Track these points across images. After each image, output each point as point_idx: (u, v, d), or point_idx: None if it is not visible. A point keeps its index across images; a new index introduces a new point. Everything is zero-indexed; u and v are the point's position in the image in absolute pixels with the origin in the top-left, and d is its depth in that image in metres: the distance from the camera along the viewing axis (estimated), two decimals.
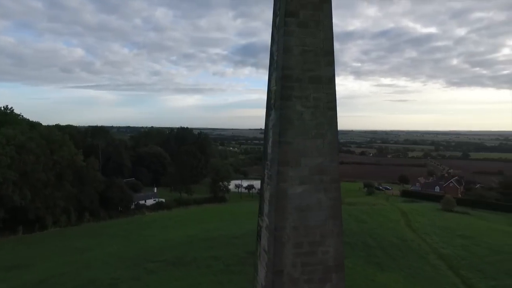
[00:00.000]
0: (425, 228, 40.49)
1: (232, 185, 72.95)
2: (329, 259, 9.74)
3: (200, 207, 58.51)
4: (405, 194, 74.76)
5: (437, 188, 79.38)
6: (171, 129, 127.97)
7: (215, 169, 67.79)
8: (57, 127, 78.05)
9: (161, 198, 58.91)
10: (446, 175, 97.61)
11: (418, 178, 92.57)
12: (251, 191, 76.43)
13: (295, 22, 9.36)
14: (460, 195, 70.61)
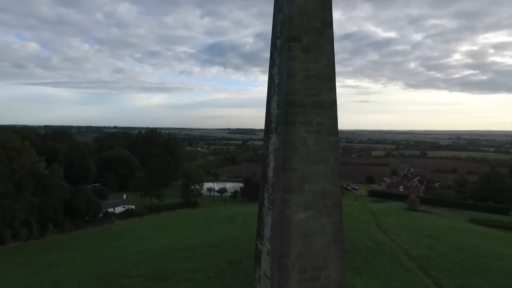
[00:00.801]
0: (395, 229, 42.22)
1: (203, 188, 71.87)
2: (331, 284, 9.82)
3: (173, 213, 56.92)
4: (372, 194, 78.03)
5: (401, 188, 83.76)
6: (138, 131, 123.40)
7: (187, 173, 66.38)
8: (13, 129, 72.43)
9: (131, 204, 56.58)
10: (409, 175, 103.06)
11: (384, 178, 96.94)
12: (223, 195, 75.73)
13: (298, 47, 9.31)
14: (422, 194, 75.00)
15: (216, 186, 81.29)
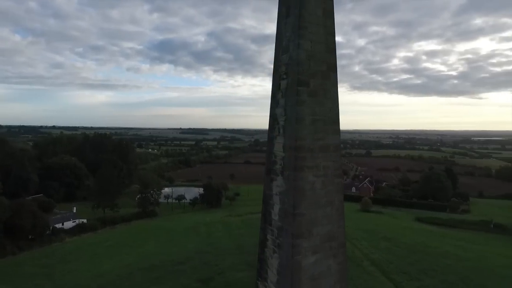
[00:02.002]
0: (354, 233, 44.35)
1: (161, 196, 68.93)
2: None
3: (130, 225, 53.59)
4: None
5: (353, 189, 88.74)
6: (85, 135, 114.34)
7: (143, 180, 63.16)
8: None
9: (82, 218, 52.16)
10: (360, 176, 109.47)
11: None
12: (182, 202, 73.46)
13: (306, 91, 9.29)
14: (372, 195, 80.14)
15: (172, 191, 78.57)
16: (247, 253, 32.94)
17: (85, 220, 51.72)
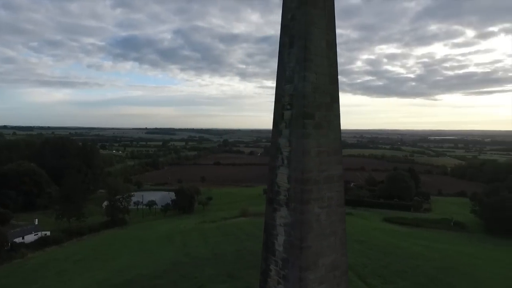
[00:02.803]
0: None
1: (131, 203, 66.25)
2: None
3: (98, 236, 50.84)
4: None
5: None
6: (44, 139, 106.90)
7: (112, 187, 60.25)
8: None
9: (45, 230, 48.65)
10: None
11: None
12: (152, 208, 71.19)
13: (312, 124, 9.30)
14: None
15: (141, 196, 75.86)
16: (226, 263, 32.56)
17: (48, 232, 48.40)
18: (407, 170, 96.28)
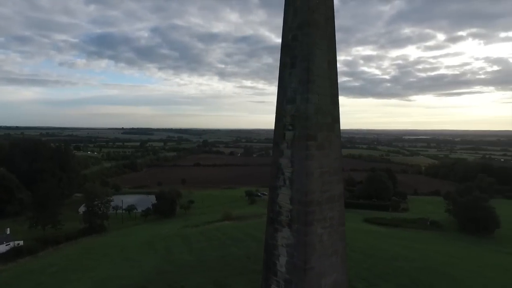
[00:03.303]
0: None
1: (110, 208, 64.22)
2: None
3: (76, 244, 48.81)
4: None
5: None
6: (14, 142, 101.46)
7: (90, 192, 58.13)
8: None
9: (17, 239, 46.21)
10: None
11: None
12: (132, 213, 69.45)
13: (314, 145, 9.31)
14: None
15: (120, 200, 73.70)
16: (212, 270, 32.18)
17: (21, 242, 46.02)
18: (385, 170, 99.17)
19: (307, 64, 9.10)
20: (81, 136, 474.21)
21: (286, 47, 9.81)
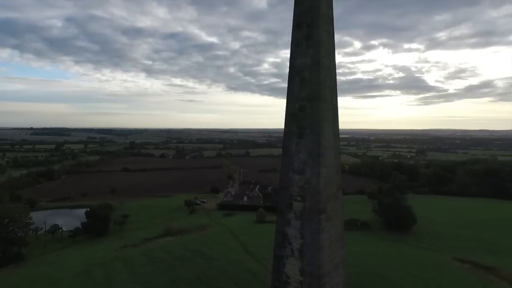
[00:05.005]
0: (260, 252, 46.14)
1: (30, 231, 55.75)
2: None
3: None
4: (222, 207, 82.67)
5: (245, 198, 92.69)
6: None
7: (3, 215, 49.49)
8: None
9: None
10: (251, 185, 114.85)
11: (229, 189, 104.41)
12: (56, 233, 61.58)
13: (325, 217, 9.48)
14: (262, 202, 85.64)
15: (37, 218, 64.55)
16: None
17: None
18: None
19: (318, 138, 9.15)
20: None
21: (293, 116, 9.72)
